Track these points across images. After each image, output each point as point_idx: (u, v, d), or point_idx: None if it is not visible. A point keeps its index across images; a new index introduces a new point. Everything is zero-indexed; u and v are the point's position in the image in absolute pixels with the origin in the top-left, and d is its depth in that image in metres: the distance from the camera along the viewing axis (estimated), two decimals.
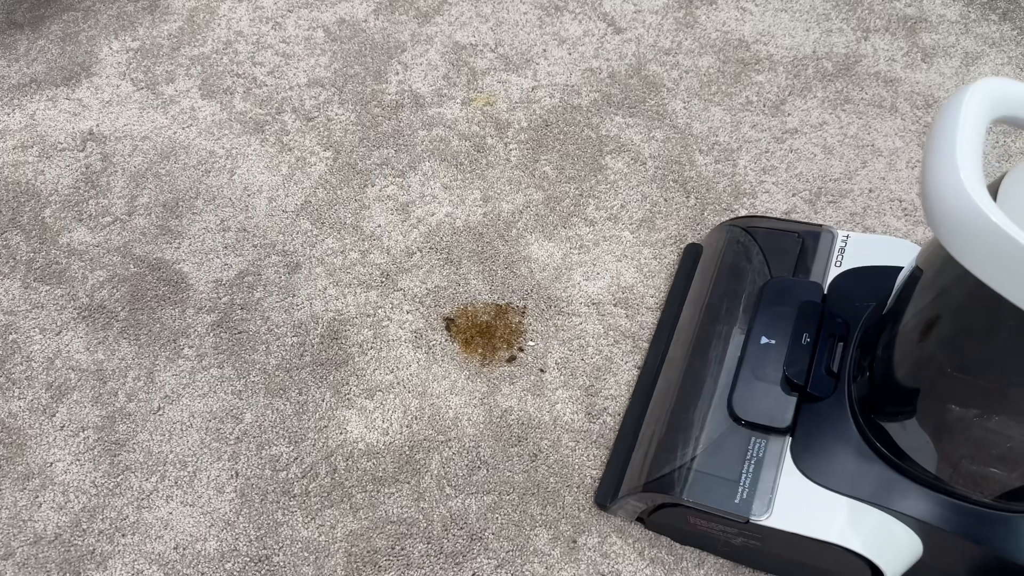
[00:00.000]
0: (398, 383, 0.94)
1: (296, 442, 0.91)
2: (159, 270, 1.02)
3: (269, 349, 0.96)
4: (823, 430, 0.75)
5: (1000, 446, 0.68)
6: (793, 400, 0.76)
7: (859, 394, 0.75)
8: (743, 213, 1.07)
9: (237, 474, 0.89)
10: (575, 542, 0.85)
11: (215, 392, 0.94)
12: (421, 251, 1.03)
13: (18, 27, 1.22)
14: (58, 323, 0.98)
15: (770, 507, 0.74)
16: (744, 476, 0.75)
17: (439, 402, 0.93)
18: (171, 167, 1.10)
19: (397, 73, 1.19)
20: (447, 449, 0.91)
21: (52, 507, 0.87)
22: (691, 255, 1.01)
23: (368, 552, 0.85)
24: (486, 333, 0.97)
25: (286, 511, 0.87)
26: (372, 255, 1.03)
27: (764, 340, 0.79)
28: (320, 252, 1.03)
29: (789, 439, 0.76)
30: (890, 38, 1.24)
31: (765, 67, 1.20)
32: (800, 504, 0.73)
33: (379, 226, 1.06)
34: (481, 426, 0.91)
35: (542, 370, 0.94)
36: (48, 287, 1.00)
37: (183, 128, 1.13)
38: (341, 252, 1.03)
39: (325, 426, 0.92)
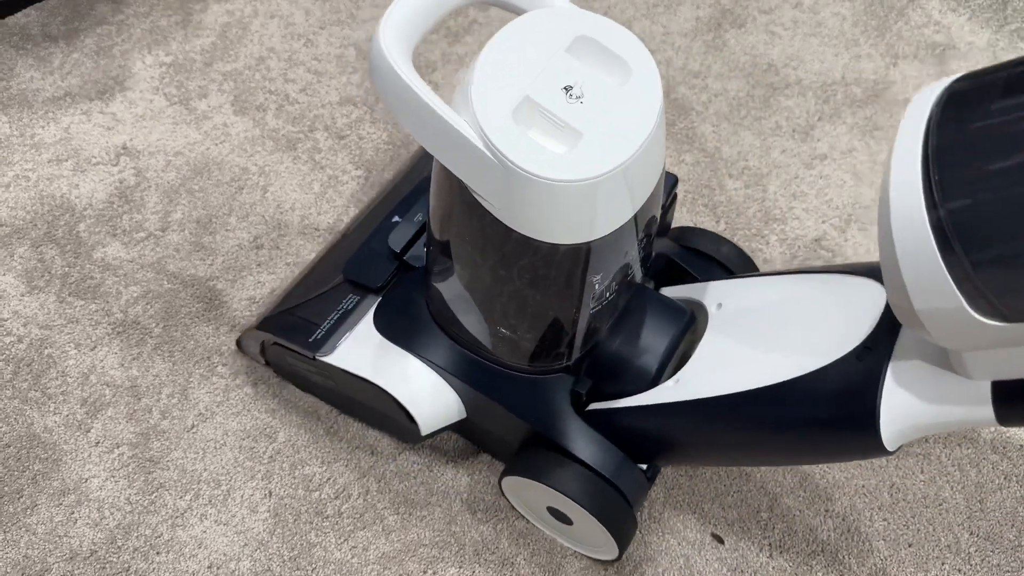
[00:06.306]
0: None
1: (329, 462, 0.91)
2: (193, 287, 1.02)
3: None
4: (405, 293, 0.85)
5: (499, 311, 0.74)
6: (391, 266, 0.86)
7: (425, 263, 0.82)
8: (774, 239, 1.08)
9: (271, 494, 0.90)
10: (606, 569, 0.85)
11: (249, 410, 0.94)
12: None
13: (53, 40, 1.23)
14: (93, 338, 0.98)
15: (335, 349, 0.83)
16: (327, 323, 0.85)
17: None
18: (204, 183, 1.11)
19: None
20: (478, 472, 0.91)
21: (87, 523, 0.88)
22: None
23: (400, 575, 0.85)
24: None
25: (319, 532, 0.88)
26: None
27: (395, 219, 0.90)
28: None
29: (379, 299, 0.85)
30: (919, 65, 1.24)
31: (794, 92, 1.21)
32: (359, 350, 0.83)
33: None
34: None
35: None
36: (83, 302, 1.01)
37: (216, 144, 1.14)
38: None
39: (357, 447, 0.93)
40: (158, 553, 0.86)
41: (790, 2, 1.30)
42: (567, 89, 0.61)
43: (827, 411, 0.63)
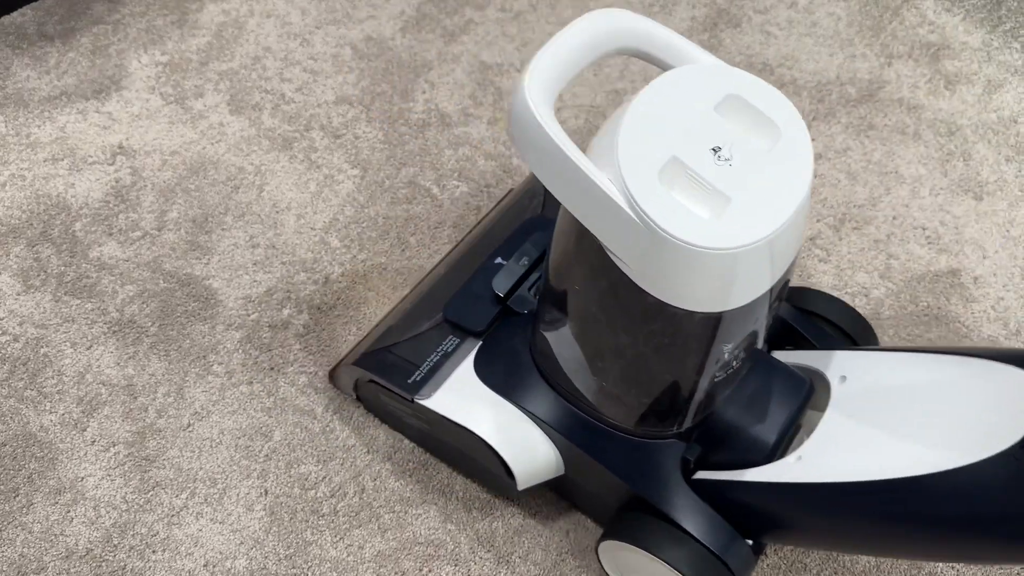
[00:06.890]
0: None
1: (324, 461, 0.92)
2: (188, 286, 1.02)
3: (298, 367, 0.97)
4: (509, 340, 0.82)
5: (616, 372, 0.72)
6: (494, 310, 0.83)
7: (536, 313, 0.80)
8: None
9: (266, 492, 0.90)
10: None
11: (244, 409, 0.95)
12: None
13: (48, 39, 1.23)
14: (89, 337, 0.99)
15: (434, 393, 0.81)
16: (427, 364, 0.83)
17: None
18: (200, 182, 1.11)
19: (424, 92, 1.20)
20: None
21: (83, 522, 0.88)
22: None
23: (396, 573, 0.86)
24: None
25: (315, 530, 0.88)
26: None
27: (498, 260, 0.87)
28: (348, 270, 1.04)
29: (480, 343, 0.83)
30: (913, 64, 1.24)
31: (789, 91, 1.21)
32: (460, 395, 0.80)
33: (408, 245, 1.07)
34: None
35: None
36: (79, 301, 1.01)
37: (212, 143, 1.14)
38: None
39: (353, 445, 0.93)
40: (154, 551, 0.87)
41: (785, 2, 1.31)
42: (715, 151, 0.58)
43: (982, 511, 0.59)
